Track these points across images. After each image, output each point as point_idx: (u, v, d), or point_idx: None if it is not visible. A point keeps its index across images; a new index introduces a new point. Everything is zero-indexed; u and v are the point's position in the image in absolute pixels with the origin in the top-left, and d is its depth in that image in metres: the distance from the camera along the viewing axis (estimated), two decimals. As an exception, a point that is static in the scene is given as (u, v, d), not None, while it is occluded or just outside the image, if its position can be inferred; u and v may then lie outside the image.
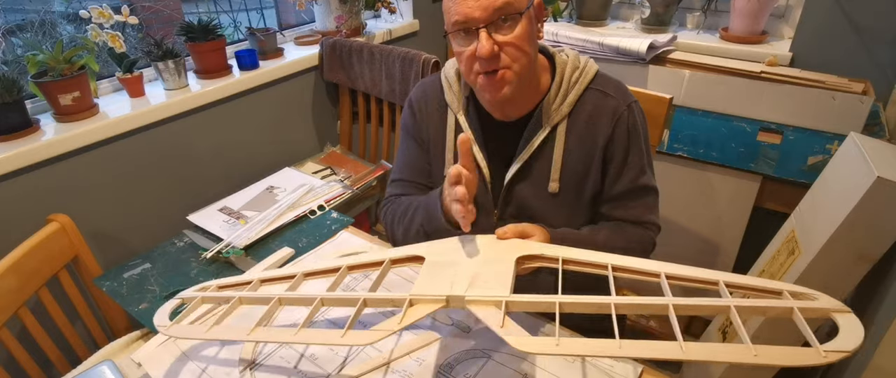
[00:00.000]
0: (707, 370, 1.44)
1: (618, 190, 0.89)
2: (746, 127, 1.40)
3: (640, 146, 0.89)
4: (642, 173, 0.89)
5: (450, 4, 0.79)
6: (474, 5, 0.76)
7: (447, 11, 0.81)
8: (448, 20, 0.81)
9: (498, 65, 0.79)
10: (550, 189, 0.89)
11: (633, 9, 1.89)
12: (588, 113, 0.88)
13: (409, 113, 1.01)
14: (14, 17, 1.28)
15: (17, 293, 0.92)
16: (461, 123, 0.93)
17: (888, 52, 1.38)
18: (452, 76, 0.96)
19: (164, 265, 1.02)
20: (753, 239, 1.54)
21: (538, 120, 0.88)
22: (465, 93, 0.93)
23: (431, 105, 0.98)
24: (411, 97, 1.01)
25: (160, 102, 1.31)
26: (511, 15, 0.77)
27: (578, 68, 0.89)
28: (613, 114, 0.87)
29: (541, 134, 0.88)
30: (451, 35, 0.82)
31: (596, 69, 0.91)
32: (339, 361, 0.78)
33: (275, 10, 1.82)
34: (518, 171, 0.90)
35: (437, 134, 0.97)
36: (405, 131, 1.02)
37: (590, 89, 0.89)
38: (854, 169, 1.09)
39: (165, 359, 0.79)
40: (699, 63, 1.45)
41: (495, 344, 0.80)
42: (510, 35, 0.78)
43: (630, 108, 0.88)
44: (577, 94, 0.88)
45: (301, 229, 1.11)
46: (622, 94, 0.89)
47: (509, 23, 0.77)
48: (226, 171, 1.52)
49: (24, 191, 1.14)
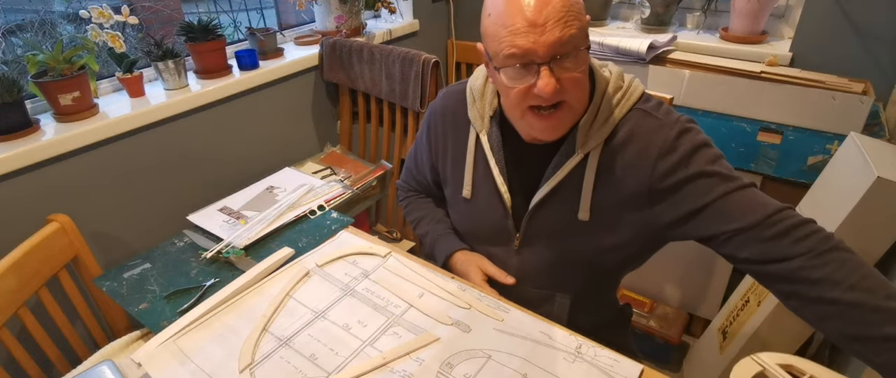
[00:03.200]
0: (707, 370, 1.44)
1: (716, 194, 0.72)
2: (746, 127, 1.40)
3: (706, 155, 0.75)
4: (733, 177, 0.74)
5: (501, 33, 0.69)
6: (538, 41, 0.67)
7: (495, 39, 0.70)
8: (497, 49, 0.71)
9: (557, 100, 0.72)
10: (580, 217, 0.81)
11: (633, 9, 1.89)
12: (627, 133, 0.77)
13: (428, 121, 0.98)
14: (14, 17, 1.28)
15: (17, 293, 0.92)
16: (483, 144, 0.88)
17: (888, 52, 1.38)
18: (479, 91, 0.89)
19: (164, 265, 1.02)
20: (753, 239, 1.53)
21: (571, 144, 0.80)
22: (490, 112, 0.87)
23: (448, 118, 0.94)
24: (435, 105, 0.97)
25: (160, 102, 1.31)
26: (574, 50, 0.69)
27: (621, 89, 0.80)
28: (656, 134, 0.76)
29: (572, 161, 0.80)
30: (500, 68, 0.72)
31: (641, 91, 0.81)
32: (339, 361, 0.78)
33: (275, 10, 1.82)
34: (544, 198, 0.83)
35: (455, 148, 0.93)
36: (422, 132, 1.00)
37: (633, 109, 0.79)
38: (854, 169, 1.09)
39: (165, 359, 0.79)
40: (699, 63, 1.45)
41: (495, 344, 0.80)
42: (573, 71, 0.70)
43: (678, 123, 0.76)
44: (618, 117, 0.78)
45: (301, 229, 1.11)
46: (666, 113, 0.78)
47: (573, 56, 0.69)
48: (226, 171, 1.52)
49: (24, 191, 1.14)
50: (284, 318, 0.86)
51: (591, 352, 0.79)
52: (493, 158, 0.87)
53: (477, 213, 0.92)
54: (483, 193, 0.90)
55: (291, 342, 0.81)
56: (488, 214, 0.90)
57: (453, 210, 0.98)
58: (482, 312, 0.86)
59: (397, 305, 0.88)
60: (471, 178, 0.90)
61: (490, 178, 0.88)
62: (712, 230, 0.74)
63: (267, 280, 0.95)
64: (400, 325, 0.84)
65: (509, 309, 0.87)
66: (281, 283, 0.93)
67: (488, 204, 0.90)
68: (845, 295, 0.64)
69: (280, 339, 0.82)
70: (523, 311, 0.86)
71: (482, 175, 0.90)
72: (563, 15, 0.67)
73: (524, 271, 0.91)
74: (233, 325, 0.85)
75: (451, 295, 0.90)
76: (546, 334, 0.82)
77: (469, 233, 0.97)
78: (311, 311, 0.88)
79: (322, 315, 0.87)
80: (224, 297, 0.89)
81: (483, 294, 0.90)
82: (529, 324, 0.84)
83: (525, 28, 0.67)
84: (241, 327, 0.84)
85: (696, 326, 1.74)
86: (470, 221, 0.95)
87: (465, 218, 0.96)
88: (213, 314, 0.87)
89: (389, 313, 0.86)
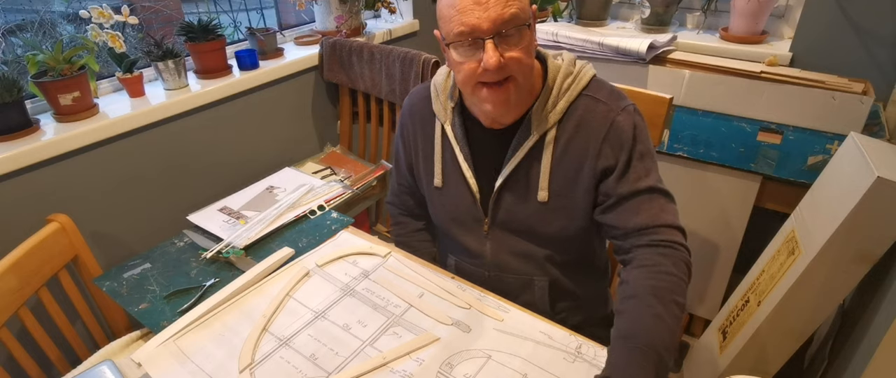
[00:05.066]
0: (707, 370, 1.44)
1: (621, 192, 0.82)
2: (746, 127, 1.40)
3: (638, 150, 0.83)
4: (646, 175, 0.83)
5: (451, 13, 0.76)
6: (482, 16, 0.73)
7: (446, 20, 0.77)
8: (448, 29, 0.77)
9: (503, 76, 0.77)
10: (539, 198, 0.87)
11: (633, 9, 1.89)
12: (578, 120, 0.84)
13: (400, 124, 1.03)
14: (14, 17, 1.28)
15: (17, 293, 0.92)
16: (447, 133, 0.93)
17: (888, 52, 1.38)
18: (441, 85, 0.94)
19: (164, 265, 1.02)
20: (753, 239, 1.54)
21: (527, 128, 0.86)
22: (451, 102, 0.92)
23: (416, 116, 0.98)
24: (403, 107, 1.02)
25: (160, 102, 1.31)
26: (517, 26, 0.75)
27: (572, 74, 0.86)
28: (604, 120, 0.83)
29: (528, 142, 0.86)
30: (451, 45, 0.78)
31: (592, 75, 0.87)
32: (339, 361, 0.78)
33: (275, 10, 1.82)
34: (506, 180, 0.88)
35: (425, 142, 0.97)
36: (397, 137, 1.05)
37: (582, 95, 0.85)
38: (854, 169, 1.09)
39: (165, 359, 0.79)
40: (699, 63, 1.45)
41: (495, 344, 0.80)
42: (516, 46, 0.76)
43: (625, 113, 0.83)
44: (567, 102, 0.85)
45: (301, 229, 1.11)
46: (615, 100, 0.85)
47: (515, 34, 0.75)
48: (226, 171, 1.52)
49: (24, 191, 1.14)
50: (284, 318, 0.86)
51: (592, 352, 0.79)
52: (458, 146, 0.92)
53: (448, 201, 0.96)
54: (452, 181, 0.94)
55: (291, 342, 0.81)
56: (458, 201, 0.95)
57: (429, 202, 1.02)
58: (482, 312, 0.86)
59: (397, 305, 0.88)
60: (440, 167, 0.95)
61: (457, 165, 0.93)
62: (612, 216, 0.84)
63: (267, 280, 0.95)
64: (400, 325, 0.84)
65: (509, 309, 0.87)
66: (281, 283, 0.93)
67: (458, 191, 0.94)
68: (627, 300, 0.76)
69: (280, 339, 0.82)
70: (523, 311, 0.86)
71: (450, 164, 0.94)
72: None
73: (498, 257, 0.96)
74: (233, 325, 0.85)
75: (451, 295, 0.90)
76: (546, 334, 0.82)
77: (445, 222, 1.00)
78: (311, 311, 0.88)
79: (322, 315, 0.87)
80: (224, 297, 0.89)
81: (483, 294, 0.90)
82: (529, 324, 0.84)
83: (470, 6, 0.74)
84: (241, 327, 0.84)
85: (696, 326, 1.74)
86: (443, 210, 0.98)
87: (438, 207, 0.99)
88: (213, 314, 0.87)
89: (389, 313, 0.86)
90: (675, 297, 0.74)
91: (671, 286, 0.75)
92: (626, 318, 0.73)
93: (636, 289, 0.75)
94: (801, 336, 1.21)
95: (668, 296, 0.73)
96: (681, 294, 0.75)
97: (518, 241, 0.93)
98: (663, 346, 0.68)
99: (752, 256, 1.41)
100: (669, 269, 0.76)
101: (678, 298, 0.74)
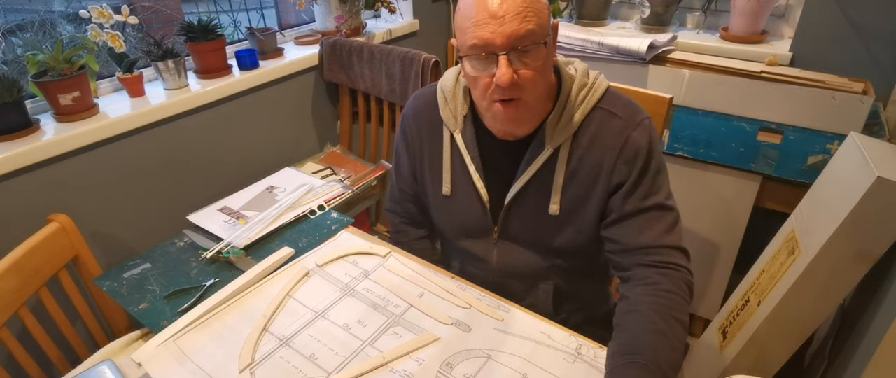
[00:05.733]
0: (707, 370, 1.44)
1: (628, 210, 0.81)
2: (746, 127, 1.40)
3: (651, 166, 0.81)
4: (655, 192, 0.81)
5: (466, 25, 0.74)
6: (497, 31, 0.71)
7: (462, 31, 0.76)
8: (463, 41, 0.76)
9: (515, 94, 0.76)
10: (551, 211, 0.86)
11: (633, 9, 1.89)
12: (592, 134, 0.83)
13: (402, 127, 1.00)
14: (14, 17, 1.28)
15: (17, 293, 0.92)
16: (458, 143, 0.91)
17: (888, 52, 1.38)
18: (450, 91, 0.92)
19: (164, 265, 1.02)
20: (753, 239, 1.54)
21: (541, 141, 0.84)
22: (463, 110, 0.90)
23: (422, 121, 0.96)
24: (407, 110, 0.99)
25: (160, 102, 1.31)
26: (532, 44, 0.73)
27: (586, 86, 0.84)
28: (620, 135, 0.81)
29: (543, 156, 0.84)
30: (465, 58, 0.77)
31: (606, 87, 0.86)
32: (339, 361, 0.78)
33: (275, 10, 1.82)
34: (518, 192, 0.87)
35: (432, 148, 0.95)
36: (398, 140, 1.02)
37: (597, 108, 0.84)
38: (854, 169, 1.09)
39: (165, 359, 0.79)
40: (699, 63, 1.45)
41: (495, 344, 0.80)
42: (530, 64, 0.74)
43: (641, 128, 0.82)
44: (582, 115, 0.83)
45: (301, 229, 1.11)
46: (631, 114, 0.83)
47: (530, 51, 0.73)
48: (226, 171, 1.52)
49: (24, 191, 1.14)
50: (284, 318, 0.86)
51: (592, 352, 0.79)
52: (469, 156, 0.90)
53: (457, 210, 0.95)
54: (462, 190, 0.93)
55: (291, 342, 0.81)
56: (468, 210, 0.94)
57: (435, 209, 1.00)
58: (482, 312, 0.86)
59: (397, 305, 0.88)
60: (450, 175, 0.93)
61: (467, 175, 0.91)
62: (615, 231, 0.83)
63: (267, 280, 0.95)
64: (400, 325, 0.84)
65: (509, 309, 0.87)
66: (281, 283, 0.93)
67: (467, 200, 0.93)
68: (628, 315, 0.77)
69: (280, 339, 0.82)
70: (523, 311, 0.86)
71: (460, 172, 0.93)
72: (523, 10, 0.71)
73: (504, 262, 0.95)
74: (233, 325, 0.85)
75: (451, 295, 0.90)
76: (546, 334, 0.82)
77: (451, 229, 0.99)
78: (311, 311, 0.88)
79: (322, 315, 0.87)
80: (224, 297, 0.89)
81: (483, 294, 0.90)
82: (529, 324, 0.84)
83: (486, 19, 0.72)
84: (241, 327, 0.84)
85: (696, 326, 1.74)
86: (451, 218, 0.97)
87: (446, 215, 0.98)
88: (213, 314, 0.87)
89: (389, 313, 0.86)
90: (677, 314, 0.74)
91: (672, 304, 0.74)
92: (627, 334, 0.73)
93: (637, 305, 0.75)
94: (802, 336, 1.21)
95: (669, 312, 0.73)
96: (682, 312, 0.75)
97: (526, 251, 0.93)
98: (667, 364, 0.68)
99: (752, 256, 1.41)
100: (670, 288, 0.76)
101: (680, 316, 0.74)
